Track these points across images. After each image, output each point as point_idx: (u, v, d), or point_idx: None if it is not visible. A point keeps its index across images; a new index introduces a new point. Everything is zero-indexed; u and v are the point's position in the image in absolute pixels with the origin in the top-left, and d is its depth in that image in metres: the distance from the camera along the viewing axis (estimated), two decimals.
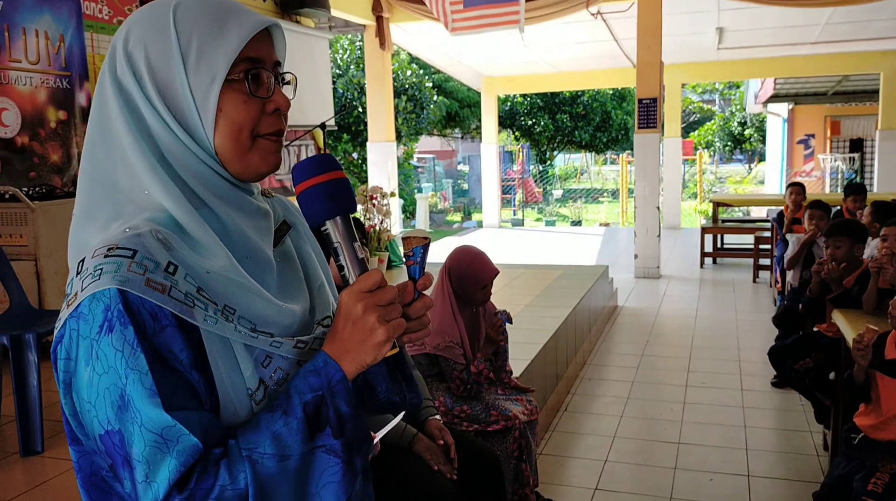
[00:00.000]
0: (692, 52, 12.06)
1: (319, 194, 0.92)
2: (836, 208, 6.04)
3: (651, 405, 4.49)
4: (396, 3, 8.90)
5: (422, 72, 15.77)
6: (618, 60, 12.08)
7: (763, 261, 8.36)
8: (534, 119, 19.67)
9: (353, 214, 0.95)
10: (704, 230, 9.44)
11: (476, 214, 17.97)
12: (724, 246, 9.88)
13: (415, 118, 15.26)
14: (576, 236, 13.45)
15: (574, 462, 3.71)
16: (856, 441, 2.62)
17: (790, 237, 5.98)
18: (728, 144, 24.97)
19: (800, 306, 4.39)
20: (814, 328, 4.03)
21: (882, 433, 2.54)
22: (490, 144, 14.41)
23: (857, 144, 16.42)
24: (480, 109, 14.91)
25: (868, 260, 3.56)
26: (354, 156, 15.29)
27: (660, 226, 8.62)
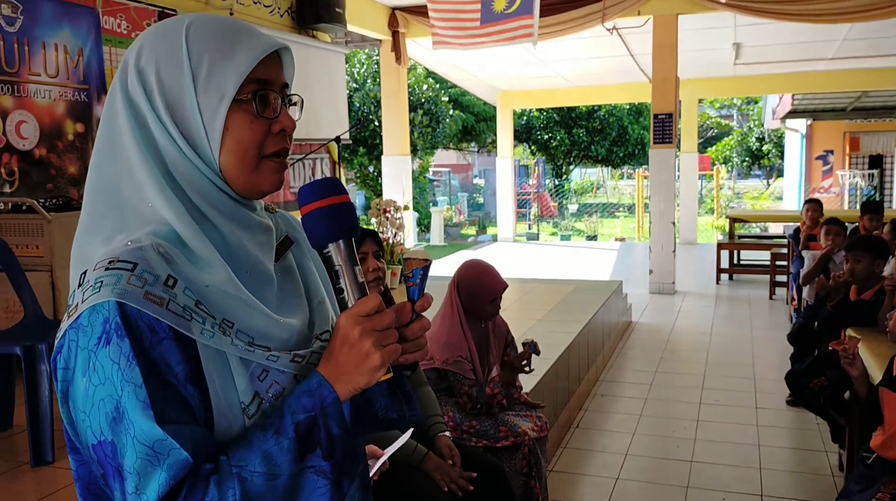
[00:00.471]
0: (709, 68, 12.03)
1: (323, 217, 0.93)
2: (853, 225, 5.98)
3: (664, 422, 4.45)
4: (412, 18, 8.96)
5: (438, 86, 15.83)
6: (634, 75, 12.07)
7: (780, 278, 8.28)
8: (550, 133, 19.67)
9: (356, 237, 0.96)
10: (721, 246, 9.37)
11: (491, 227, 17.95)
12: (741, 262, 9.80)
13: (431, 132, 15.31)
14: (591, 250, 13.40)
15: (585, 479, 3.67)
16: (869, 460, 2.58)
17: (806, 254, 5.93)
18: (746, 159, 24.83)
19: (815, 324, 4.34)
20: (829, 347, 3.98)
21: (889, 451, 2.50)
22: (506, 158, 14.42)
23: (877, 161, 16.27)
24: (496, 124, 14.94)
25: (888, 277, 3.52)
26: (370, 169, 15.35)
27: (675, 241, 8.57)
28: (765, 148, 24.01)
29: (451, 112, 16.60)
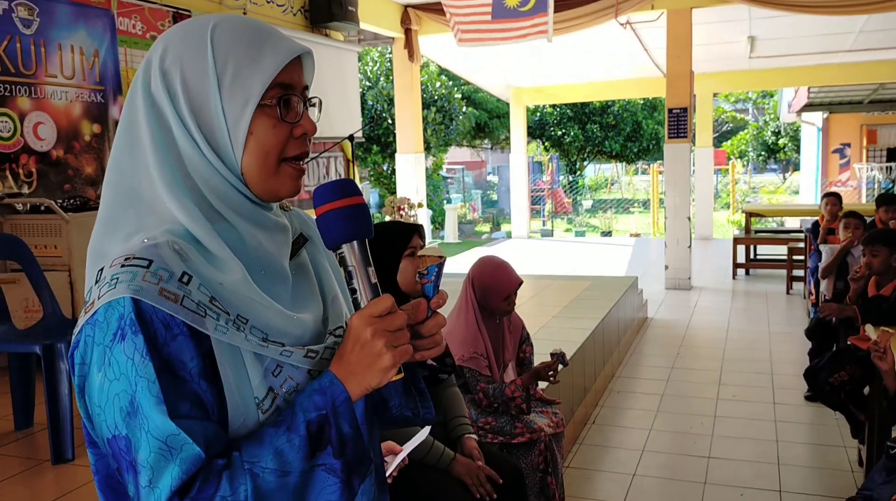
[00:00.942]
0: (723, 62, 11.94)
1: (337, 218, 0.94)
2: (872, 218, 5.92)
3: (681, 418, 4.43)
4: (425, 16, 8.96)
5: (451, 83, 15.83)
6: (648, 70, 12.01)
7: (797, 272, 8.21)
8: (563, 129, 19.61)
9: (370, 238, 0.97)
10: (737, 241, 9.31)
11: (505, 224, 17.94)
12: (757, 257, 9.73)
13: (444, 129, 15.31)
14: (606, 246, 13.35)
15: (602, 475, 3.66)
16: (893, 450, 2.55)
17: (824, 248, 5.88)
18: (762, 153, 24.65)
19: (833, 319, 4.30)
20: (848, 341, 3.95)
21: None
22: (519, 154, 14.40)
23: (895, 153, 16.10)
24: (509, 120, 14.92)
25: None
26: (384, 167, 15.38)
27: (691, 236, 8.52)
28: (781, 142, 23.82)
29: (464, 109, 16.59)
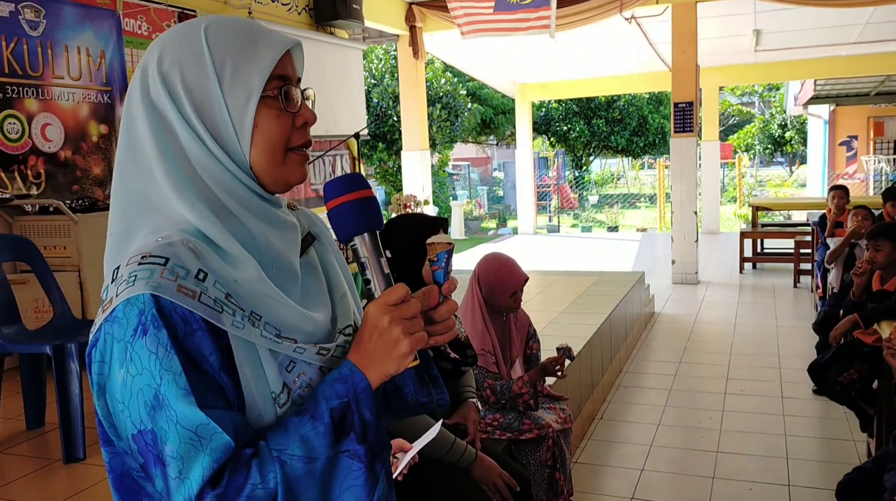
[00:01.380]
0: (729, 55, 11.90)
1: (349, 210, 0.96)
2: (879, 211, 5.90)
3: (689, 413, 4.43)
4: (429, 13, 8.95)
5: (456, 80, 15.81)
6: (653, 64, 11.97)
7: (804, 266, 8.19)
8: (569, 125, 19.57)
9: (380, 230, 0.99)
10: (744, 235, 9.29)
11: (511, 220, 17.92)
12: (764, 251, 9.70)
13: (449, 126, 15.29)
14: (612, 241, 13.34)
15: (609, 470, 3.67)
16: None
17: (832, 241, 5.86)
18: (768, 146, 24.55)
19: (841, 312, 4.29)
20: (853, 334, 3.94)
21: None
22: (525, 150, 14.38)
23: None
24: (515, 116, 14.90)
25: None
26: (390, 164, 15.38)
27: (698, 231, 8.51)
28: (787, 135, 23.72)
29: (470, 105, 16.57)
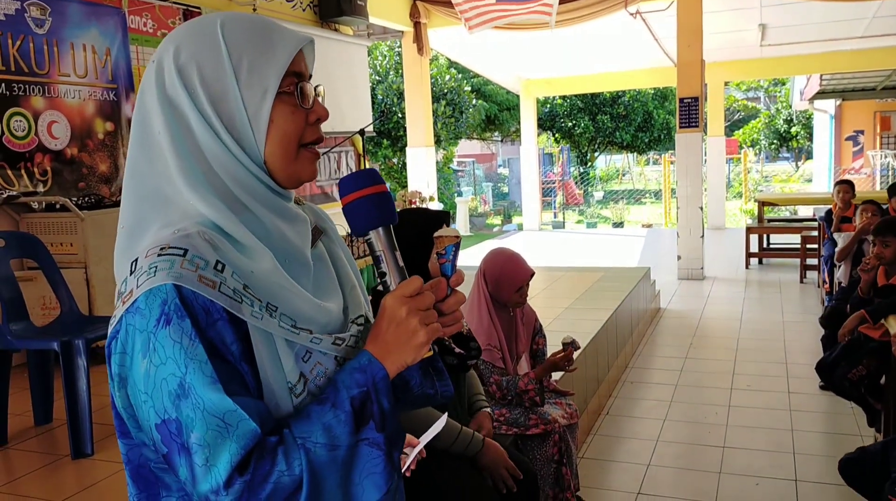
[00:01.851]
0: (735, 50, 11.86)
1: (365, 205, 0.98)
2: (886, 205, 5.88)
3: (695, 408, 4.43)
4: (433, 9, 8.94)
5: (460, 76, 15.79)
6: (658, 60, 11.94)
7: (810, 261, 8.17)
8: (574, 121, 19.54)
9: (395, 224, 1.01)
10: (749, 230, 9.27)
11: (516, 217, 17.91)
12: (770, 246, 9.68)
13: (454, 122, 15.29)
14: (618, 237, 13.32)
15: (616, 465, 3.67)
16: None
17: (838, 236, 5.84)
18: (774, 142, 24.47)
19: (848, 307, 4.28)
20: (859, 330, 3.92)
21: None
22: (530, 146, 14.36)
23: None
24: (519, 112, 14.88)
25: None
26: (394, 161, 15.38)
27: (703, 226, 8.49)
28: (793, 130, 23.64)
29: (474, 102, 16.56)
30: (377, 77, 14.43)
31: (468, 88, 15.93)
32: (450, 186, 17.37)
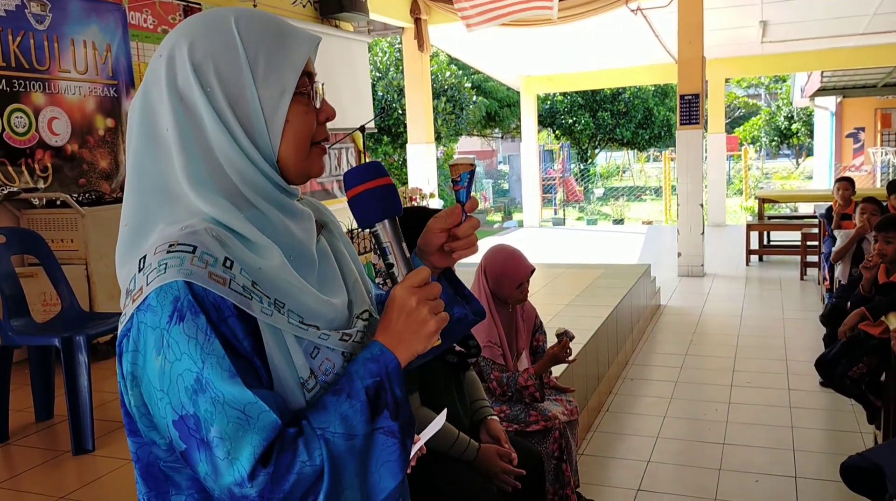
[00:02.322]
0: (735, 47, 11.84)
1: (371, 198, 1.00)
2: (886, 203, 5.87)
3: (695, 405, 4.43)
4: (434, 5, 8.94)
5: (461, 72, 15.79)
6: (659, 56, 11.93)
7: (811, 258, 8.17)
8: (574, 117, 19.53)
9: (400, 216, 1.02)
10: (750, 227, 9.27)
11: (517, 213, 17.91)
12: (771, 243, 9.68)
13: (454, 119, 15.28)
14: (618, 234, 13.32)
15: (616, 462, 3.68)
16: None
17: (838, 233, 5.84)
18: (774, 139, 24.46)
19: (848, 304, 4.28)
20: (859, 327, 3.92)
21: None
22: (530, 143, 14.36)
23: None
24: (520, 109, 14.86)
25: None
26: (395, 158, 15.38)
27: (704, 223, 8.49)
28: (794, 127, 23.63)
29: (475, 98, 16.55)
30: (377, 73, 14.42)
31: (468, 85, 15.92)
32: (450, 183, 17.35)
